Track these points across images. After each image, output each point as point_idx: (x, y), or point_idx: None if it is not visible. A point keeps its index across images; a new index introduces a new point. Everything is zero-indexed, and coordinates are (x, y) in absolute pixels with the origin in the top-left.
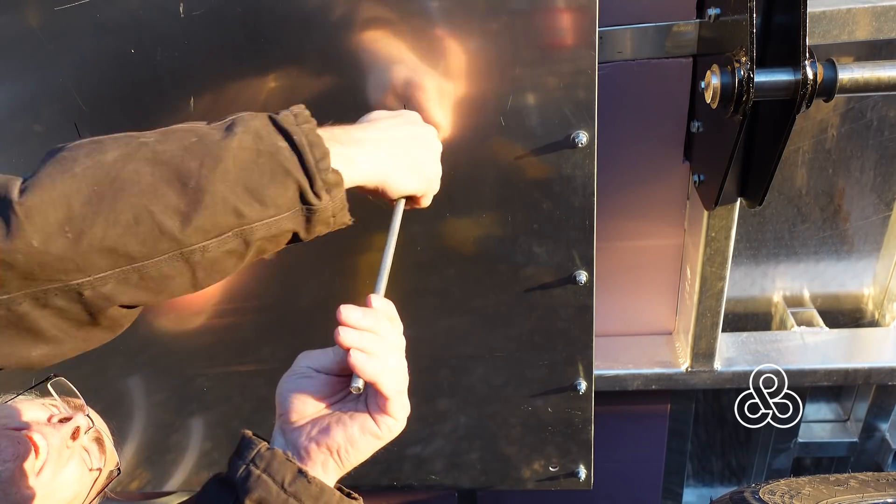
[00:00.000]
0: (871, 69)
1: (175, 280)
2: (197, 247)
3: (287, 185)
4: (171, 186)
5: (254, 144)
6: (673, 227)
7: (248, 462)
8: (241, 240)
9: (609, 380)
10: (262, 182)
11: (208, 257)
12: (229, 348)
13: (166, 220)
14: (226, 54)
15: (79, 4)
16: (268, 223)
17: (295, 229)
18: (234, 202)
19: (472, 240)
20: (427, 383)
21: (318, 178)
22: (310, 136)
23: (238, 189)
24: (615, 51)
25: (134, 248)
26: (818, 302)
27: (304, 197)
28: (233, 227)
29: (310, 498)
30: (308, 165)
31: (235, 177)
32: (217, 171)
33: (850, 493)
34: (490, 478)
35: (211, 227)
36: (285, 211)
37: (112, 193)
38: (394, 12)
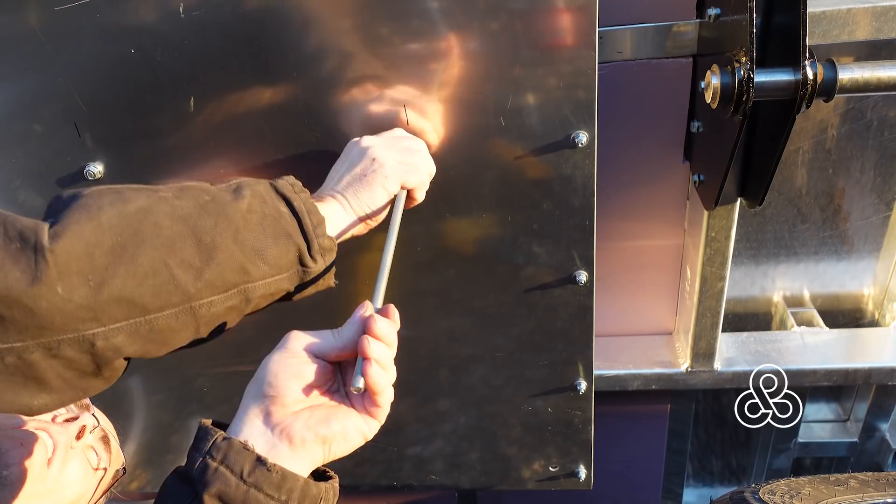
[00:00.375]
0: (871, 69)
1: (180, 334)
2: (205, 301)
3: (288, 247)
4: (187, 242)
5: (260, 208)
6: (673, 227)
7: (204, 454)
8: (244, 297)
9: (609, 380)
10: (267, 243)
11: (213, 312)
12: (229, 348)
13: (181, 273)
14: (226, 55)
15: (79, 5)
16: (268, 282)
17: (289, 289)
18: (241, 260)
19: (472, 240)
20: (427, 383)
21: (316, 242)
22: (307, 203)
23: (246, 250)
24: (615, 51)
25: (148, 300)
26: (818, 302)
27: (301, 260)
28: (238, 283)
29: (271, 486)
30: (307, 230)
31: (244, 237)
32: (230, 230)
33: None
34: (490, 478)
35: (220, 282)
36: (284, 272)
37: (134, 245)
38: (394, 13)
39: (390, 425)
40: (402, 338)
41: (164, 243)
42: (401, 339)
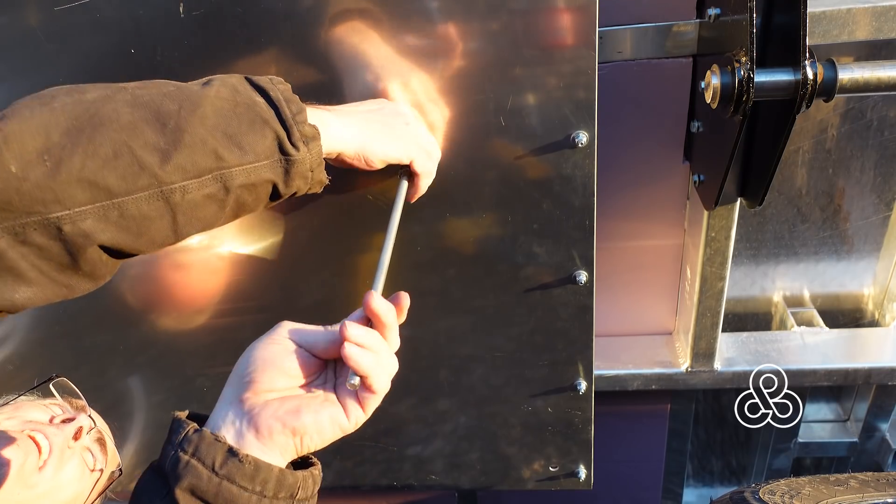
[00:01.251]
0: (871, 69)
1: (155, 223)
2: (177, 186)
3: (265, 133)
4: (150, 126)
5: (231, 96)
6: (673, 227)
7: (175, 447)
8: (221, 184)
9: (609, 380)
10: (241, 129)
11: (188, 199)
12: (229, 348)
13: (146, 155)
14: (226, 54)
15: (79, 4)
16: (247, 169)
17: (274, 180)
18: (213, 144)
19: (472, 240)
20: (427, 383)
21: (296, 129)
22: (285, 94)
23: (217, 133)
24: (615, 51)
25: (113, 182)
26: (818, 302)
27: (282, 147)
28: (212, 169)
29: (244, 478)
30: (285, 118)
31: (214, 122)
32: (196, 114)
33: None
34: (490, 478)
35: (191, 166)
36: (264, 159)
37: (91, 127)
38: (394, 13)
39: (390, 425)
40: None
41: (125, 126)
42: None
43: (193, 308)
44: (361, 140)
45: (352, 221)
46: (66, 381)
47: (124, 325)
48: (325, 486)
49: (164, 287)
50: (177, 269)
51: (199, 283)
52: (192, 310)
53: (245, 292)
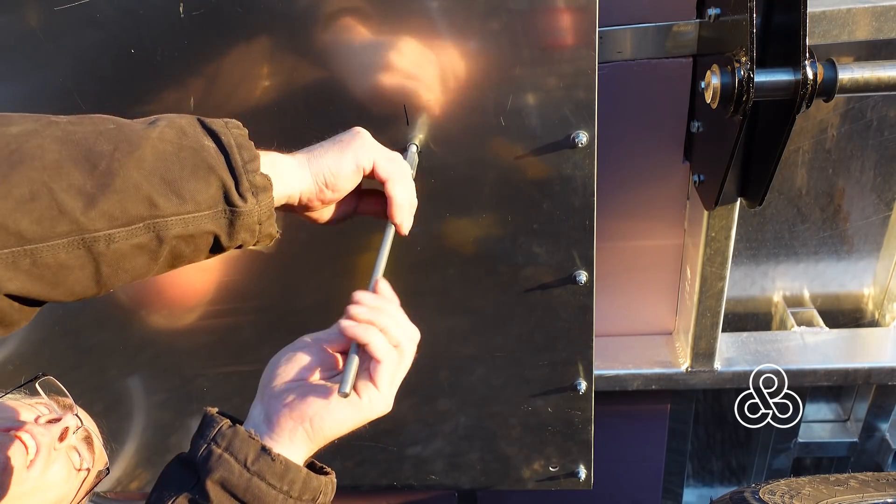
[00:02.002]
0: (871, 69)
1: (75, 272)
2: (101, 234)
3: (210, 181)
4: (77, 167)
5: (177, 139)
6: (673, 227)
7: (209, 441)
8: (154, 234)
9: (609, 380)
10: (183, 175)
11: (114, 249)
12: (229, 348)
13: (68, 199)
14: (226, 54)
15: (79, 4)
16: (185, 219)
17: (216, 232)
18: (147, 190)
19: (471, 240)
20: (427, 383)
21: (245, 178)
22: (239, 139)
23: (154, 179)
24: (615, 51)
25: (26, 227)
26: (818, 302)
27: (228, 197)
28: (144, 217)
29: (274, 476)
30: (235, 165)
31: (152, 166)
32: (132, 157)
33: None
34: (490, 478)
35: (119, 213)
36: (205, 209)
37: (8, 165)
38: (394, 13)
39: (390, 425)
40: None
41: (48, 166)
42: None
43: (193, 308)
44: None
45: (352, 222)
46: (52, 380)
47: (124, 325)
48: None
49: (164, 288)
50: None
51: (198, 284)
52: (192, 310)
53: (245, 292)
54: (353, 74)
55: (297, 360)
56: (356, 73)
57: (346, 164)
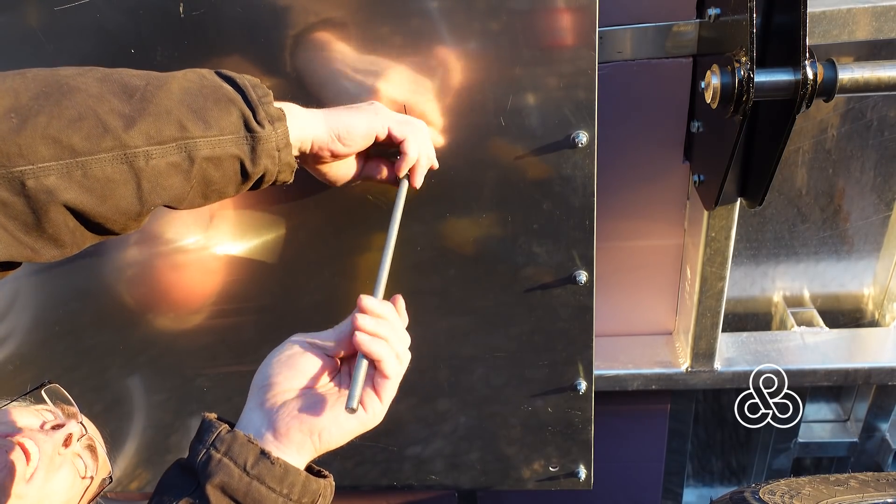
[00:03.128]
0: (871, 69)
1: (120, 187)
2: (141, 150)
3: (230, 110)
4: (116, 96)
5: (198, 80)
6: (673, 227)
7: (208, 446)
8: (186, 154)
9: (609, 380)
10: (206, 105)
11: (152, 165)
12: (229, 348)
13: (111, 119)
14: (226, 54)
15: (79, 4)
16: (211, 141)
17: (239, 155)
18: (178, 115)
19: (472, 240)
20: (427, 383)
21: (261, 109)
22: (252, 81)
23: (182, 107)
24: (615, 51)
25: (77, 141)
26: (818, 302)
27: (247, 124)
28: (176, 138)
29: (274, 480)
30: (251, 99)
31: (180, 98)
32: (162, 89)
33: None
34: (490, 478)
35: (155, 133)
36: (228, 133)
37: (60, 93)
38: (394, 13)
39: (390, 425)
40: None
41: (92, 94)
42: None
43: (193, 308)
44: (331, 121)
45: (352, 221)
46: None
47: (124, 325)
48: None
49: (164, 287)
50: (176, 269)
51: (198, 284)
52: (192, 310)
53: (245, 293)
54: (353, 74)
55: (298, 367)
56: (356, 73)
57: (360, 124)
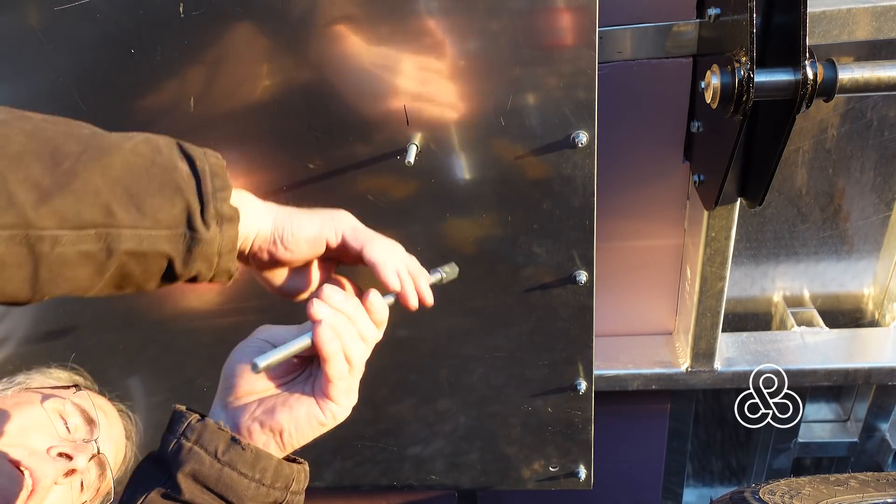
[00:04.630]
0: (871, 69)
1: (9, 270)
2: (48, 234)
3: (175, 201)
4: (40, 161)
5: (150, 154)
6: (673, 227)
7: (178, 435)
8: (104, 244)
9: (609, 380)
10: (148, 190)
11: (59, 253)
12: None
13: (21, 191)
14: (226, 55)
15: (79, 4)
16: (140, 234)
17: (170, 255)
18: (107, 198)
19: (472, 240)
20: (427, 383)
21: (212, 205)
22: (214, 167)
23: (117, 189)
24: (615, 51)
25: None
26: (818, 302)
27: (191, 221)
28: (98, 224)
29: (245, 465)
30: (204, 191)
31: (118, 176)
32: (99, 162)
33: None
34: (490, 478)
35: (72, 215)
36: (164, 228)
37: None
38: (394, 13)
39: (390, 425)
40: (403, 338)
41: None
42: (401, 339)
43: (193, 308)
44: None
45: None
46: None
47: (124, 325)
48: (325, 486)
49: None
50: None
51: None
52: (192, 310)
53: (245, 292)
54: (353, 74)
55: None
56: (356, 73)
57: (309, 228)
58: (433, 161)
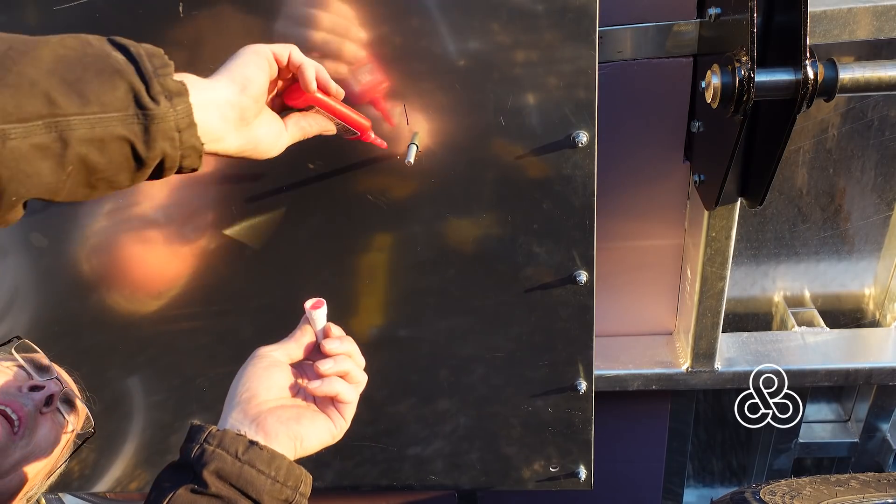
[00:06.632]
0: (871, 69)
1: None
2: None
3: (116, 84)
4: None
5: (80, 47)
6: (673, 227)
7: (200, 442)
8: (56, 134)
9: (609, 380)
10: (85, 77)
11: (11, 148)
12: (229, 349)
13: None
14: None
15: (79, 4)
16: (89, 119)
17: (128, 137)
18: (45, 87)
19: (472, 240)
20: (427, 383)
21: (156, 82)
22: (150, 50)
23: (53, 79)
24: (615, 51)
25: None
26: (819, 302)
27: (138, 100)
28: (43, 115)
29: (263, 463)
30: (144, 70)
31: (50, 67)
32: (27, 56)
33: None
34: (490, 478)
35: (13, 108)
36: (113, 111)
37: None
38: (394, 13)
39: (390, 425)
40: (403, 338)
41: None
42: (401, 339)
43: (193, 309)
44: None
45: (352, 221)
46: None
47: (124, 325)
48: (325, 486)
49: (165, 287)
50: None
51: (199, 284)
52: (192, 311)
53: (244, 292)
54: (353, 74)
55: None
56: (356, 72)
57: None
58: (433, 161)
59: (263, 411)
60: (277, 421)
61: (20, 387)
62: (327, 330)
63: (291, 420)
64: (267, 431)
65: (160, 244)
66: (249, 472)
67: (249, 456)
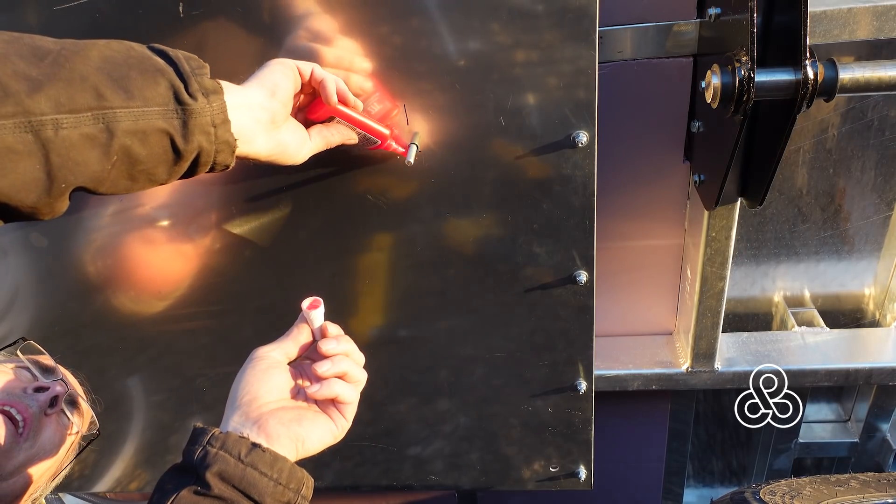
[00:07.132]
0: (871, 69)
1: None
2: (48, 118)
3: (158, 81)
4: (23, 59)
5: (124, 50)
6: (673, 227)
7: (203, 444)
8: (103, 125)
9: (609, 380)
10: (130, 75)
11: (63, 137)
12: (229, 349)
13: (12, 83)
14: (226, 55)
15: (79, 4)
16: (134, 112)
17: (169, 130)
18: (95, 82)
19: (472, 240)
20: (427, 383)
21: (194, 80)
22: (186, 55)
23: (101, 76)
24: (615, 51)
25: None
26: (819, 302)
27: (178, 97)
28: (92, 107)
29: (265, 465)
30: (183, 70)
31: (98, 65)
32: (78, 55)
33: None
34: (490, 478)
35: (66, 100)
36: (154, 105)
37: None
38: (394, 13)
39: (390, 425)
40: (403, 338)
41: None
42: (401, 340)
43: (193, 309)
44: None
45: (352, 221)
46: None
47: (124, 325)
48: (325, 486)
49: (165, 287)
50: (176, 269)
51: (199, 284)
52: (192, 311)
53: (244, 292)
54: (353, 74)
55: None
56: (356, 72)
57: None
58: (433, 161)
59: (265, 413)
60: (279, 423)
61: (25, 388)
62: (324, 329)
63: (293, 422)
64: (269, 433)
65: (160, 244)
66: (252, 475)
67: (252, 458)
